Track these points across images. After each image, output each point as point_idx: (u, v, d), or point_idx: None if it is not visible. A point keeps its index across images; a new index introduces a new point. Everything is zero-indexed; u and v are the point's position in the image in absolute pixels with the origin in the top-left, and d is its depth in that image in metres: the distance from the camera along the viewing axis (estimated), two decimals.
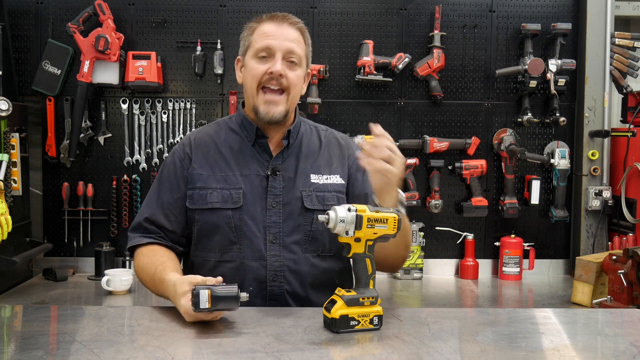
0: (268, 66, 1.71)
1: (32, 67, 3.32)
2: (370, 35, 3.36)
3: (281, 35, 1.72)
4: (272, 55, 1.72)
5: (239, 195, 1.73)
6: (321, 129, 1.91)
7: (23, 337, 1.38)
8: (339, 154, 1.85)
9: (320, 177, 1.79)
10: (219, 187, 1.74)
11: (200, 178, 1.76)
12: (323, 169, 1.81)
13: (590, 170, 3.39)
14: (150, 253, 1.75)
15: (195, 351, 1.28)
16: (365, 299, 1.42)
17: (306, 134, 1.86)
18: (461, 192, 3.47)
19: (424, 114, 3.43)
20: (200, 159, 1.78)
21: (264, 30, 1.74)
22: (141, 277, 1.76)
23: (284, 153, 1.79)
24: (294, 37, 1.74)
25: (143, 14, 3.34)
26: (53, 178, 3.34)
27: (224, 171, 1.76)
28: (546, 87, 3.39)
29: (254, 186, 1.74)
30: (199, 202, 1.74)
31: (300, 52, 1.75)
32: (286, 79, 1.72)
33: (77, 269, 3.33)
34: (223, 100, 3.37)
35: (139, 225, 1.80)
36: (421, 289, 3.22)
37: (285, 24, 1.75)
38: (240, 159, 1.78)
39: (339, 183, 1.81)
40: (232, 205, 1.72)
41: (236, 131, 1.82)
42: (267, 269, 1.71)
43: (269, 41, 1.72)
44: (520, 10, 3.43)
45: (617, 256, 2.68)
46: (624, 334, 1.50)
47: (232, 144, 1.80)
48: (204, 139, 1.83)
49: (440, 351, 1.29)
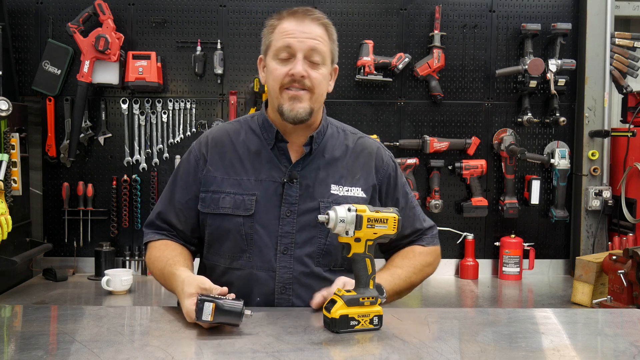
0: (289, 67, 1.61)
1: (32, 67, 3.32)
2: (370, 35, 3.35)
3: (302, 33, 1.61)
4: (294, 55, 1.61)
5: (252, 202, 1.65)
6: (350, 133, 1.80)
7: (23, 337, 1.38)
8: (364, 165, 1.75)
9: (340, 189, 1.69)
10: (232, 192, 1.67)
11: (214, 181, 1.69)
12: (345, 180, 1.71)
13: (590, 170, 3.39)
14: (163, 246, 1.72)
15: (195, 351, 1.28)
16: (365, 299, 1.42)
17: (332, 137, 1.75)
18: (461, 192, 3.47)
19: (424, 114, 3.43)
20: (216, 160, 1.71)
21: (285, 28, 1.63)
22: (151, 270, 1.73)
23: (305, 159, 1.69)
24: (317, 34, 1.63)
25: (143, 14, 3.33)
26: (53, 178, 3.34)
27: (238, 174, 1.68)
28: (546, 87, 3.39)
29: (268, 193, 1.66)
30: (210, 206, 1.68)
31: (324, 49, 1.64)
32: (309, 80, 1.62)
33: (77, 269, 3.33)
34: (223, 100, 3.37)
35: (152, 223, 1.78)
36: (421, 289, 3.22)
37: (306, 21, 1.63)
38: (256, 162, 1.69)
39: (359, 197, 1.70)
40: (244, 212, 1.65)
41: (256, 132, 1.73)
42: (275, 281, 1.65)
43: (289, 40, 1.61)
44: (520, 10, 3.43)
45: (617, 256, 2.68)
46: (624, 334, 1.50)
47: (250, 146, 1.71)
48: (222, 138, 1.74)
49: (440, 351, 1.29)
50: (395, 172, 1.81)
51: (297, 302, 1.66)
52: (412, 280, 1.76)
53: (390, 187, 1.79)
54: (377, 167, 1.77)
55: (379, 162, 1.78)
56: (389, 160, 1.81)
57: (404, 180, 1.85)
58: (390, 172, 1.80)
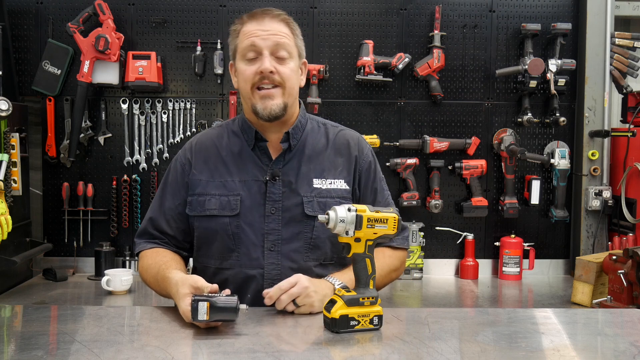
0: (257, 66, 1.66)
1: (32, 67, 3.32)
2: (370, 35, 3.35)
3: (264, 31, 1.66)
4: (260, 53, 1.66)
5: (237, 202, 1.69)
6: (330, 127, 1.83)
7: (23, 337, 1.38)
8: (346, 156, 1.77)
9: (323, 182, 1.72)
10: (217, 194, 1.71)
11: (199, 184, 1.74)
12: (327, 172, 1.74)
13: (590, 170, 3.39)
14: (154, 254, 1.75)
15: (195, 351, 1.28)
16: (365, 299, 1.42)
17: (312, 132, 1.79)
18: (461, 192, 3.47)
19: (424, 114, 3.43)
20: (200, 164, 1.76)
21: (247, 29, 1.69)
22: (145, 278, 1.76)
23: (285, 156, 1.73)
24: (279, 30, 1.68)
25: (143, 14, 3.33)
26: (53, 178, 3.34)
27: (223, 177, 1.73)
28: (546, 87, 3.38)
29: (252, 192, 1.70)
30: (197, 209, 1.73)
31: (289, 43, 1.69)
32: (278, 75, 1.66)
33: (77, 269, 3.33)
34: (223, 100, 3.37)
35: (144, 231, 1.81)
36: (421, 289, 3.22)
37: (266, 19, 1.68)
38: (240, 163, 1.74)
39: (343, 188, 1.74)
40: (230, 213, 1.69)
41: (238, 134, 1.78)
42: (264, 277, 1.68)
43: (253, 39, 1.66)
44: (520, 10, 3.43)
45: (617, 256, 2.68)
46: (624, 334, 1.50)
47: (233, 148, 1.76)
48: (206, 143, 1.80)
49: (440, 351, 1.29)
50: (374, 165, 1.82)
51: None
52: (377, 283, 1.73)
53: (369, 178, 1.79)
54: (357, 157, 1.79)
55: (360, 152, 1.80)
56: (369, 153, 1.83)
57: (382, 176, 1.85)
58: (370, 163, 1.81)
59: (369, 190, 1.79)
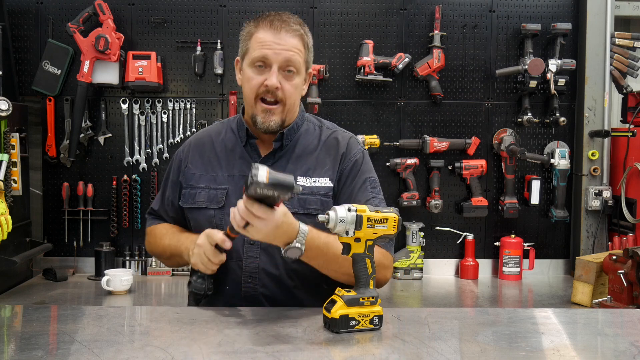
0: (264, 77, 1.67)
1: (32, 67, 3.32)
2: (370, 35, 3.36)
3: (278, 45, 1.66)
4: (269, 66, 1.67)
5: (223, 195, 1.75)
6: (325, 128, 1.84)
7: (23, 337, 1.38)
8: (333, 155, 1.77)
9: (307, 180, 1.73)
10: (207, 187, 1.78)
11: (192, 177, 1.81)
12: (312, 171, 1.74)
13: (590, 170, 3.39)
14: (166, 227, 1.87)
15: (195, 351, 1.28)
16: (365, 299, 1.42)
17: (306, 134, 1.81)
18: (461, 192, 3.47)
19: (424, 114, 3.43)
20: (196, 159, 1.83)
21: (261, 38, 1.68)
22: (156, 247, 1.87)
23: (276, 154, 1.76)
24: (292, 45, 1.68)
25: (143, 14, 3.34)
26: (53, 178, 3.34)
27: (215, 171, 1.79)
28: (546, 87, 3.38)
29: (238, 187, 1.74)
30: (189, 201, 1.80)
31: (299, 60, 1.69)
32: (282, 92, 1.68)
33: (77, 269, 3.33)
34: (223, 100, 3.37)
35: (150, 211, 1.96)
36: (421, 289, 3.22)
37: (282, 32, 1.67)
38: (230, 158, 1.79)
39: (325, 186, 1.74)
40: (216, 205, 1.75)
41: (234, 131, 1.83)
42: (242, 270, 1.71)
43: (266, 51, 1.66)
44: (520, 10, 3.43)
45: (617, 256, 2.68)
46: (624, 334, 1.50)
47: (227, 144, 1.82)
48: (203, 139, 1.86)
49: (440, 351, 1.29)
50: (360, 165, 1.77)
51: (263, 292, 1.70)
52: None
53: (350, 176, 1.75)
54: (344, 155, 1.77)
55: (348, 151, 1.78)
56: (357, 153, 1.79)
57: (373, 178, 1.79)
58: (355, 162, 1.77)
59: (347, 187, 1.75)
